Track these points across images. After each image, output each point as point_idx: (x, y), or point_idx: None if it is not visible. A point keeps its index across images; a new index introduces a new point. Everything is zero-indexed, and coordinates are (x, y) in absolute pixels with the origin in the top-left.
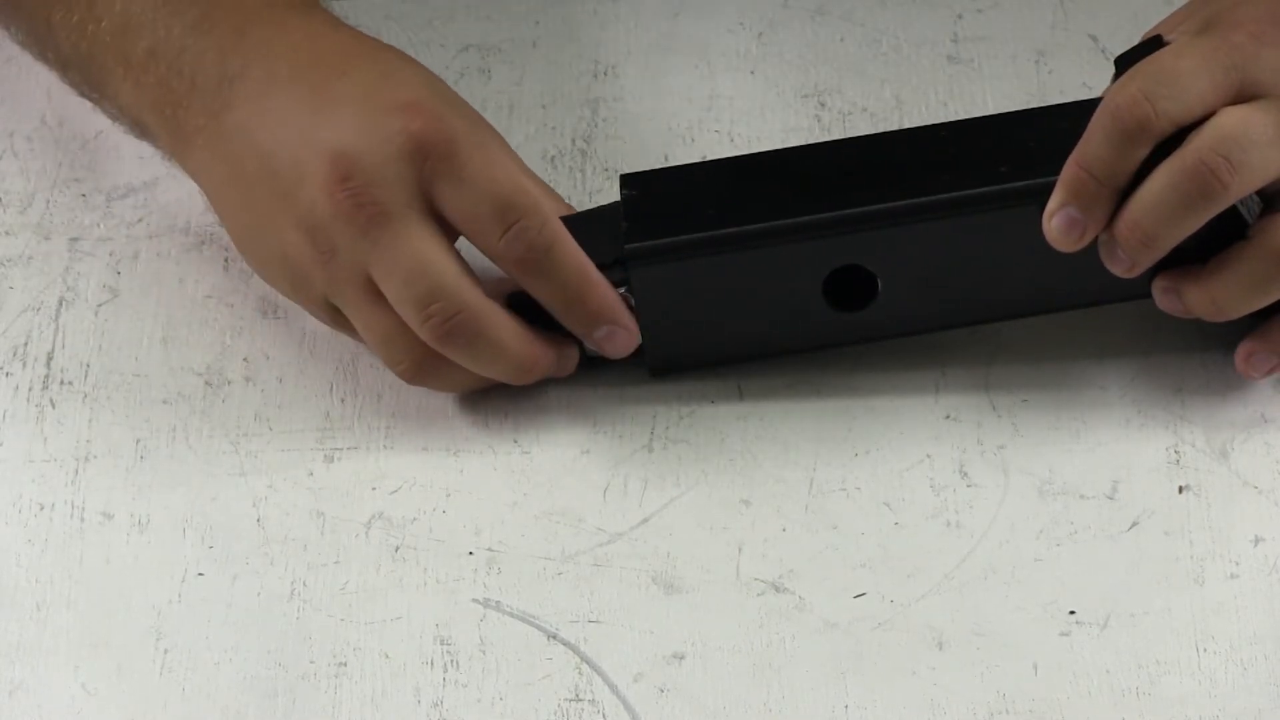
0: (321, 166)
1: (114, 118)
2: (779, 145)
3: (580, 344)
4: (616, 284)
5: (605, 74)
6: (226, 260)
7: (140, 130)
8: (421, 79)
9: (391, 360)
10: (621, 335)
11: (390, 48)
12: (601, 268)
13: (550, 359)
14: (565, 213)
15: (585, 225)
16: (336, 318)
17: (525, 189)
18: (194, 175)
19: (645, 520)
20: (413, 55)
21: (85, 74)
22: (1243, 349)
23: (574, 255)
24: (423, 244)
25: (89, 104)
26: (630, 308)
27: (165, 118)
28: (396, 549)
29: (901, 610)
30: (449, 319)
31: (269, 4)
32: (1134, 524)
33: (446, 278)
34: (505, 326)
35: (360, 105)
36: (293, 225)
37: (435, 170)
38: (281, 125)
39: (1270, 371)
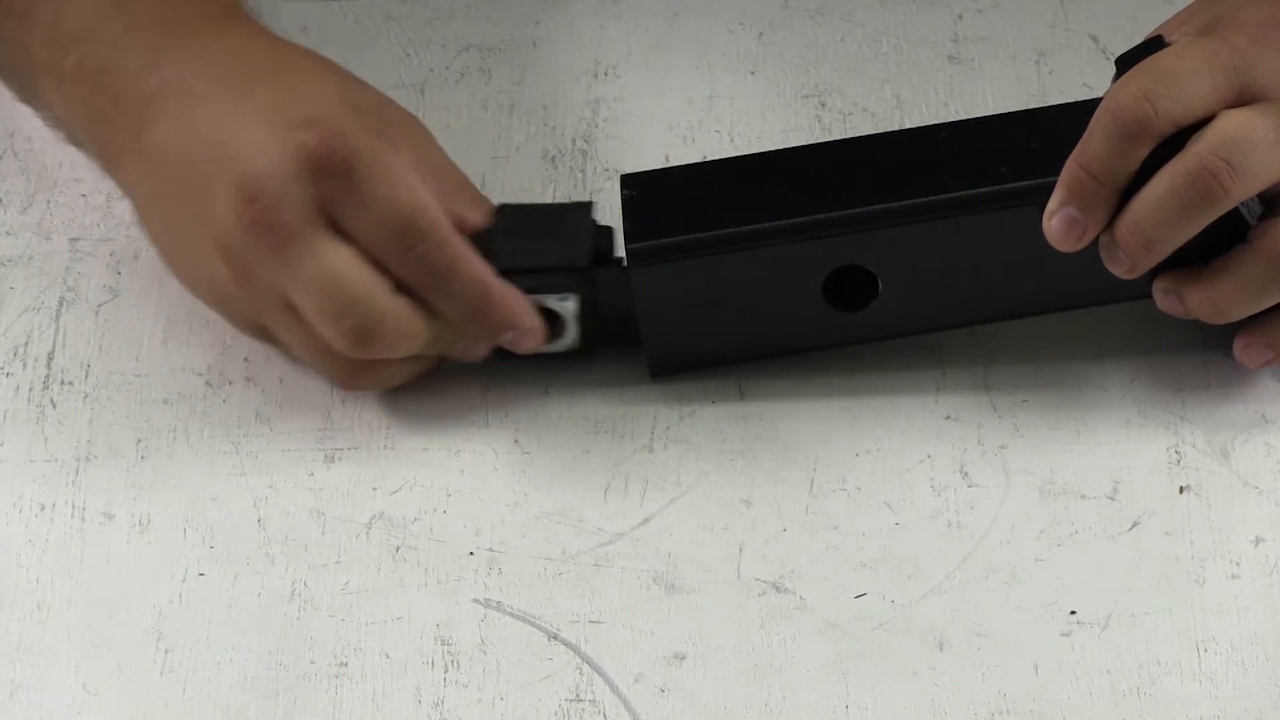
0: (230, 189)
1: (51, 125)
2: (779, 145)
3: None
4: (529, 290)
5: (605, 74)
6: None
7: (76, 142)
8: (330, 89)
9: (325, 372)
10: (526, 337)
11: (307, 56)
12: (511, 273)
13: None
14: (465, 205)
15: (518, 223)
16: (266, 335)
17: (424, 208)
18: (124, 192)
19: (646, 520)
20: (413, 55)
21: (22, 82)
22: (1239, 341)
23: (473, 273)
24: (328, 260)
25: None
26: (625, 304)
27: (94, 134)
28: (397, 549)
29: (902, 610)
30: (366, 327)
31: (187, 17)
32: (1135, 524)
33: (357, 289)
34: (421, 322)
35: (266, 123)
36: (212, 248)
37: (333, 189)
38: (196, 145)
39: (1265, 364)
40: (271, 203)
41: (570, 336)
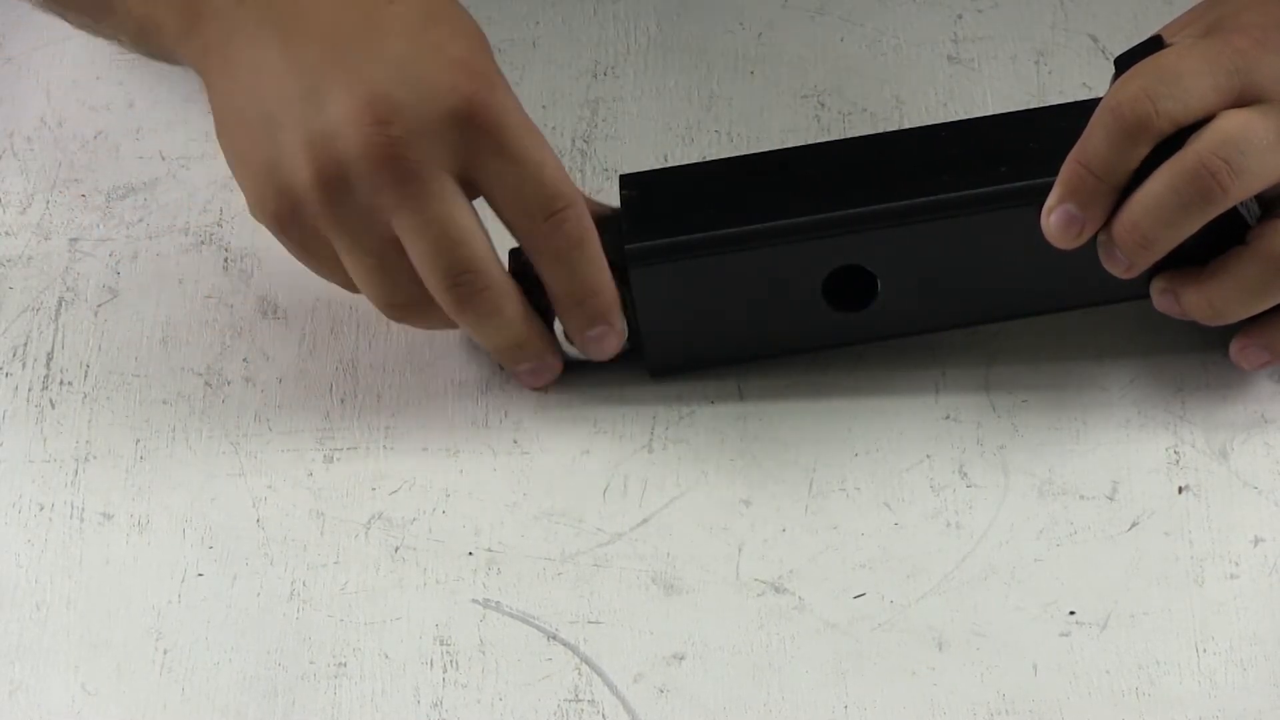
0: (356, 99)
1: (120, 42)
2: (778, 145)
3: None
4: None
5: (605, 74)
6: (226, 260)
7: (149, 38)
8: (471, 29)
9: (381, 298)
10: (612, 338)
11: None
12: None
13: (541, 352)
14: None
15: (601, 225)
16: (312, 248)
17: (568, 178)
18: (202, 56)
19: (645, 520)
20: None
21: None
22: (1236, 342)
23: (600, 254)
24: (456, 211)
25: (86, 105)
26: (627, 313)
27: (185, 11)
28: (396, 549)
29: (901, 610)
30: (475, 292)
31: None
32: (1134, 524)
33: (478, 251)
34: (519, 310)
35: (409, 45)
36: (299, 139)
37: (481, 142)
38: (324, 32)
39: (1262, 365)
40: (408, 134)
41: (627, 334)
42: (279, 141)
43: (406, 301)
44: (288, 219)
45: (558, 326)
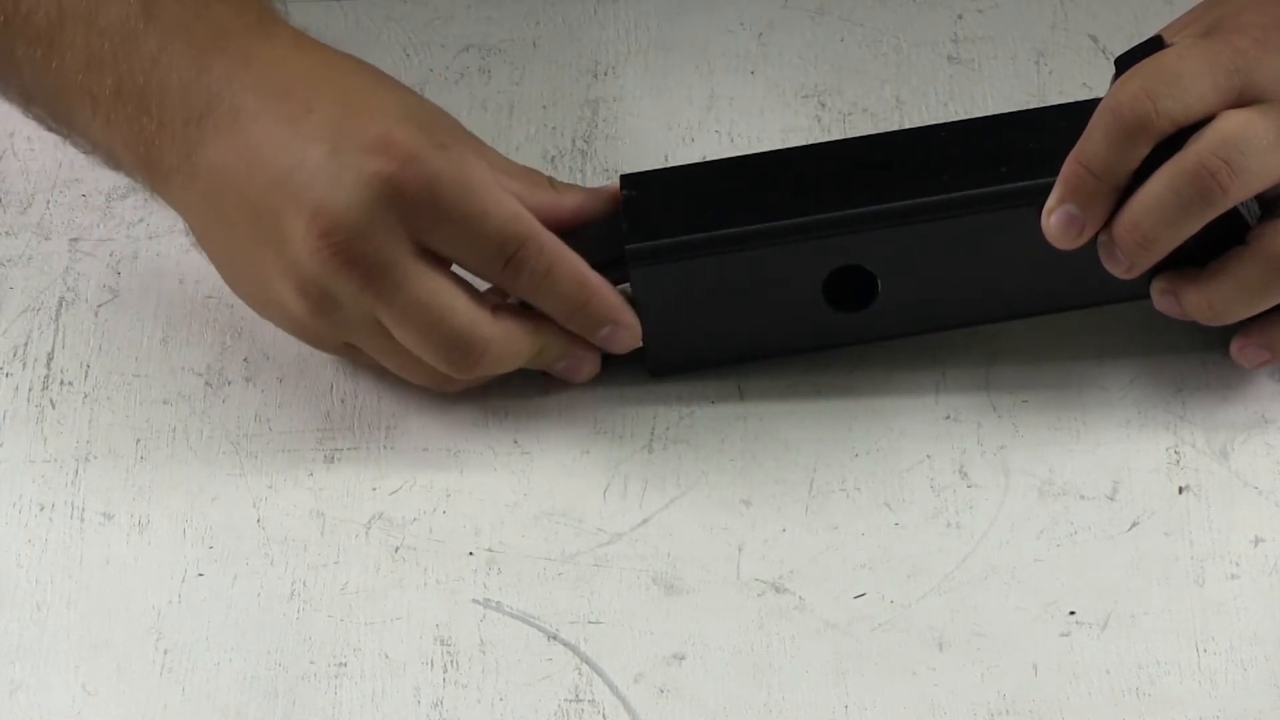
0: (299, 221)
1: (87, 152)
2: (779, 145)
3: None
4: (617, 281)
5: (605, 74)
6: None
7: (115, 165)
8: (390, 104)
9: (422, 380)
10: (624, 333)
11: (359, 67)
12: (603, 266)
13: (562, 353)
14: (548, 191)
15: (600, 224)
16: (351, 350)
17: (518, 216)
18: (178, 211)
19: (645, 520)
20: (413, 55)
21: (51, 109)
22: (1236, 341)
23: (573, 270)
24: (426, 290)
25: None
26: (631, 302)
27: (139, 156)
28: (396, 549)
29: (901, 611)
30: (472, 358)
31: (228, 31)
32: (1134, 524)
33: (460, 320)
34: (523, 343)
35: (329, 145)
36: (284, 278)
37: (420, 216)
38: (255, 166)
39: (1262, 364)
40: (351, 236)
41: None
42: (268, 281)
43: (435, 377)
44: (317, 340)
45: None
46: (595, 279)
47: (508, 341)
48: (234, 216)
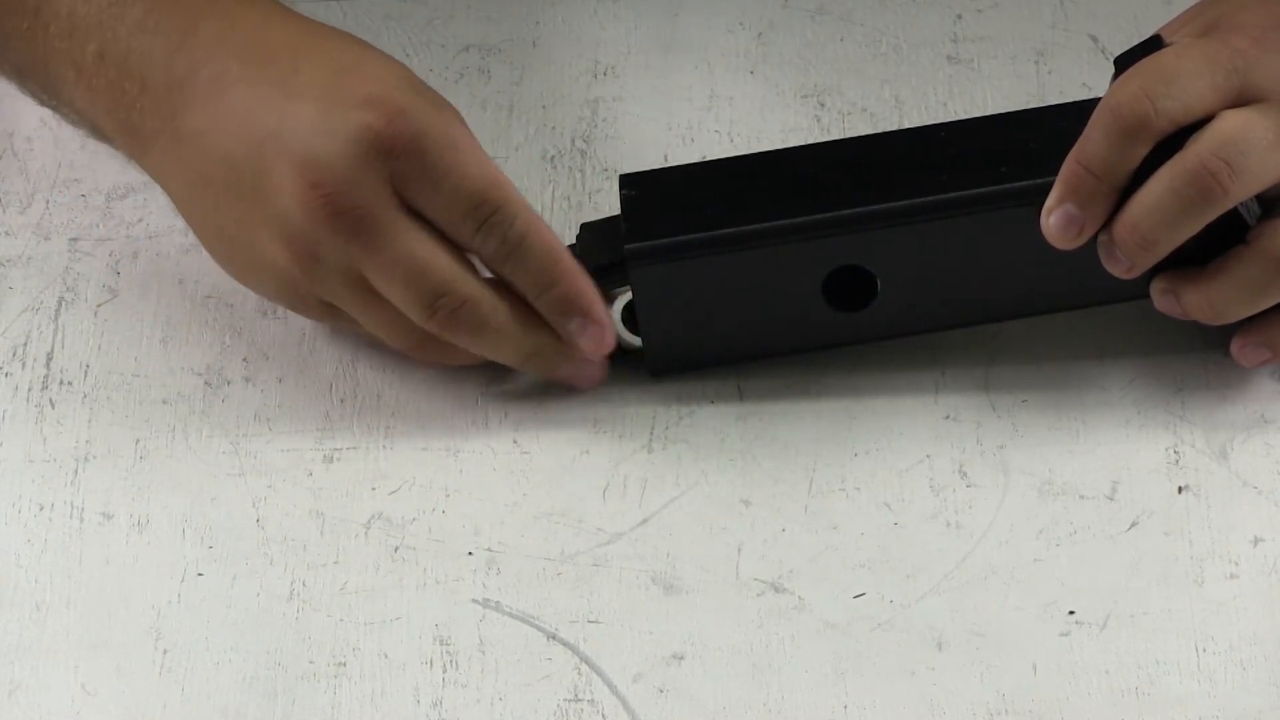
0: (288, 173)
1: (74, 122)
2: (778, 145)
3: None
4: (618, 282)
5: (605, 74)
6: None
7: (98, 134)
8: (381, 68)
9: (396, 343)
10: (594, 329)
11: (345, 35)
12: (602, 267)
13: (564, 353)
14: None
15: (595, 230)
16: (331, 311)
17: (498, 182)
18: (156, 178)
19: (645, 520)
20: (413, 55)
21: (40, 80)
22: (1236, 341)
23: (546, 245)
24: (412, 243)
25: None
26: (614, 306)
27: (120, 121)
28: (396, 549)
29: (901, 610)
30: (454, 312)
31: None
32: (1134, 524)
33: (445, 274)
34: (509, 316)
35: (319, 102)
36: (269, 234)
37: (404, 169)
38: (240, 126)
39: (1262, 363)
40: (341, 187)
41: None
42: (252, 241)
43: (421, 340)
44: (299, 302)
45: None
46: (570, 263)
47: (491, 307)
48: (217, 178)
